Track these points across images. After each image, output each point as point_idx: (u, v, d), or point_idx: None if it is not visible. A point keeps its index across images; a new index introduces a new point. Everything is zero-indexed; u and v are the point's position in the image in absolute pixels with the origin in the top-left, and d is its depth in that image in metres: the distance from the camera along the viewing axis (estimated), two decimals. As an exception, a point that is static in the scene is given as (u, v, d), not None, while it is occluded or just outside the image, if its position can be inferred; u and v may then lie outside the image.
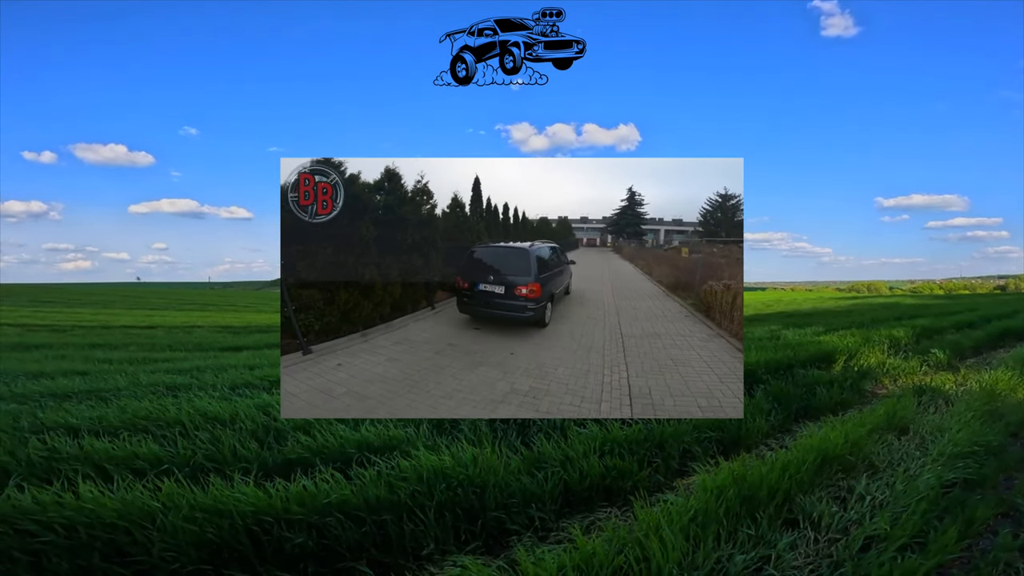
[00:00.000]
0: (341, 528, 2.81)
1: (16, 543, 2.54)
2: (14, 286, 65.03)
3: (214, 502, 2.77)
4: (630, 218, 58.31)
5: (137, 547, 2.58)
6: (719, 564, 2.58)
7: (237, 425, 4.18)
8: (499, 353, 6.61)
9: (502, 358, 6.37)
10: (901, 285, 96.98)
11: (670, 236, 56.84)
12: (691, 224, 55.84)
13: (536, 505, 3.25)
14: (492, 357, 6.40)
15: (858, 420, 4.60)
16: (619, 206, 59.06)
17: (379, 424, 4.07)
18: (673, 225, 59.34)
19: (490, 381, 5.42)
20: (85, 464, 3.43)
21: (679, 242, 47.03)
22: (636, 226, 57.67)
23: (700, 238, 46.92)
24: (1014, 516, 3.24)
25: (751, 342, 9.23)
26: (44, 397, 5.52)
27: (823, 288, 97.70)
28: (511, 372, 5.76)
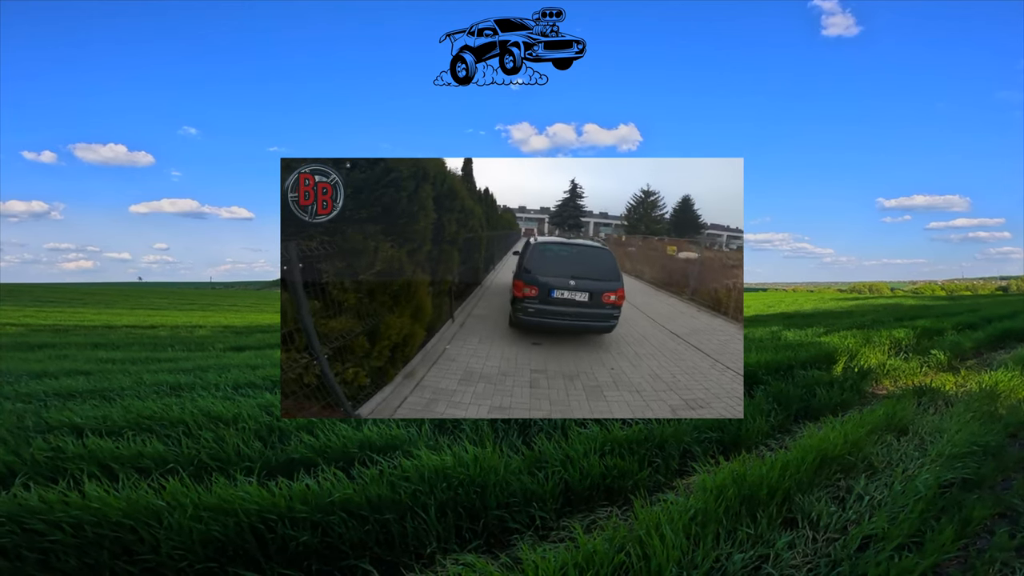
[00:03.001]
0: (344, 526, 2.84)
1: (24, 541, 2.57)
2: (16, 286, 65.15)
3: (219, 501, 2.80)
4: (571, 210, 60.89)
5: (144, 545, 2.61)
6: (718, 563, 2.60)
7: (240, 424, 4.21)
8: (597, 370, 6.09)
9: (605, 377, 5.85)
10: (903, 286, 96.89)
11: (598, 228, 60.31)
12: (616, 218, 60.52)
13: (537, 504, 3.28)
14: (596, 376, 5.85)
15: (858, 421, 4.62)
16: (561, 198, 61.88)
17: (381, 424, 4.10)
18: (600, 218, 62.29)
19: (634, 405, 5.06)
20: (90, 463, 3.46)
21: (605, 235, 51.10)
22: (576, 218, 60.42)
23: (623, 232, 52.11)
24: (1011, 516, 3.26)
25: (751, 342, 9.25)
26: (48, 397, 5.55)
27: (824, 289, 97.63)
28: (642, 391, 5.45)
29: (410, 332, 5.07)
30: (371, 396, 4.62)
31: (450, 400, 4.86)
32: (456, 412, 4.57)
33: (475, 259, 10.24)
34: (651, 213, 55.20)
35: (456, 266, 7.39)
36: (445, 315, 7.43)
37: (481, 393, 5.12)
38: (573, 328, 6.89)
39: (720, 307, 12.06)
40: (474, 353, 6.49)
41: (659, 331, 9.11)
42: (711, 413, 5.03)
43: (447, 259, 6.70)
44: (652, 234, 46.46)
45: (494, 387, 5.31)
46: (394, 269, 4.48)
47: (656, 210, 55.37)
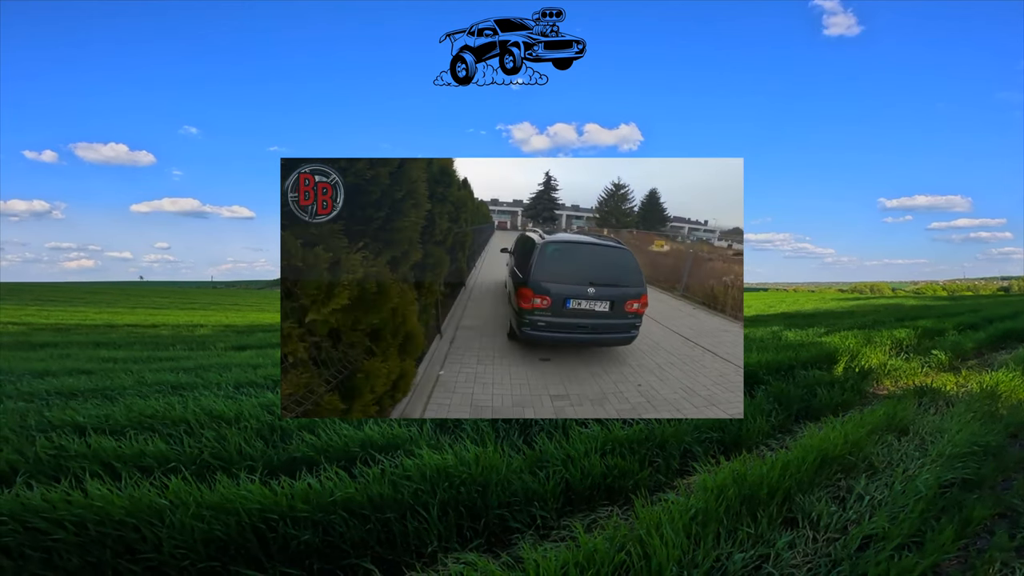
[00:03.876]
0: (346, 526, 2.84)
1: (27, 540, 2.58)
2: (17, 285, 65.27)
3: (221, 500, 2.81)
4: (545, 202, 61.55)
5: (146, 544, 2.62)
6: (719, 562, 2.61)
7: (242, 424, 4.22)
8: (625, 388, 5.56)
9: (636, 396, 5.34)
10: (904, 286, 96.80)
11: (570, 221, 61.36)
12: (587, 210, 61.68)
13: (538, 503, 3.29)
14: (626, 397, 5.31)
15: (858, 421, 4.62)
16: (536, 190, 62.46)
17: (382, 423, 4.11)
18: (571, 211, 63.04)
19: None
20: (93, 462, 3.48)
21: (577, 227, 52.84)
22: (551, 211, 61.18)
23: (595, 225, 54.23)
24: (1011, 516, 3.26)
25: (752, 342, 9.25)
26: (50, 395, 5.57)
27: (825, 289, 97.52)
28: (683, 409, 5.15)
29: (401, 372, 3.66)
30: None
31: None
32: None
33: (460, 257, 9.02)
34: (621, 206, 57.31)
35: (445, 271, 6.15)
36: (432, 331, 6.30)
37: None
38: (590, 343, 6.06)
39: (716, 304, 12.06)
40: (476, 378, 5.56)
41: (668, 334, 8.91)
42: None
43: (437, 265, 5.47)
44: (622, 227, 49.33)
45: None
46: (369, 292, 3.02)
47: (626, 203, 57.58)
